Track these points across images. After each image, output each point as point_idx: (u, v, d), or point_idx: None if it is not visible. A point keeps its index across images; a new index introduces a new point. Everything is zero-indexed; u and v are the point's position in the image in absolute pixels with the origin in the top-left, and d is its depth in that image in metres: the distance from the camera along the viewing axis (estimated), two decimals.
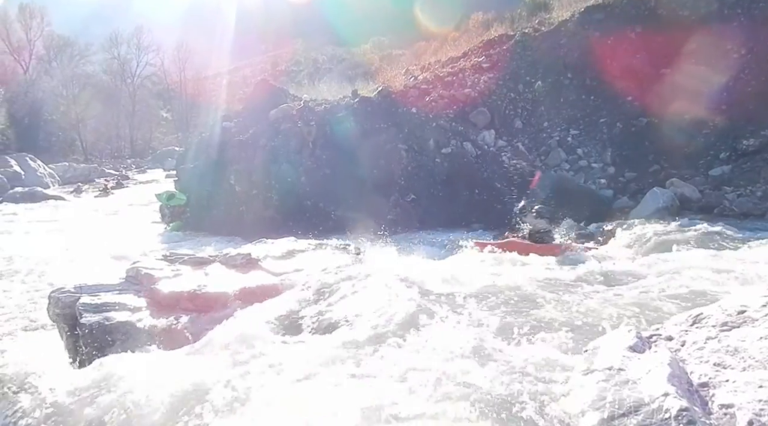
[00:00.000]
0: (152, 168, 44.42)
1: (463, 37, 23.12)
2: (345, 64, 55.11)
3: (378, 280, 4.62)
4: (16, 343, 6.08)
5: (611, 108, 12.78)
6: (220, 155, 12.93)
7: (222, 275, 5.03)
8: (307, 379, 2.94)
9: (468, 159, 11.75)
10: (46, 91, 51.93)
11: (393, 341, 3.43)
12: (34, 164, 32.86)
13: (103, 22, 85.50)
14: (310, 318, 4.07)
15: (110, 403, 2.92)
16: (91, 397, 3.04)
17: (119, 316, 4.36)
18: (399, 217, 10.77)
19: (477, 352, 3.16)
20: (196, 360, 3.43)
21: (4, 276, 9.42)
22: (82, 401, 3.02)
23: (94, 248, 11.34)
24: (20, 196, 22.58)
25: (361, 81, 18.43)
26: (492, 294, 4.18)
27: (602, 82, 12.98)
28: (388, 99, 12.87)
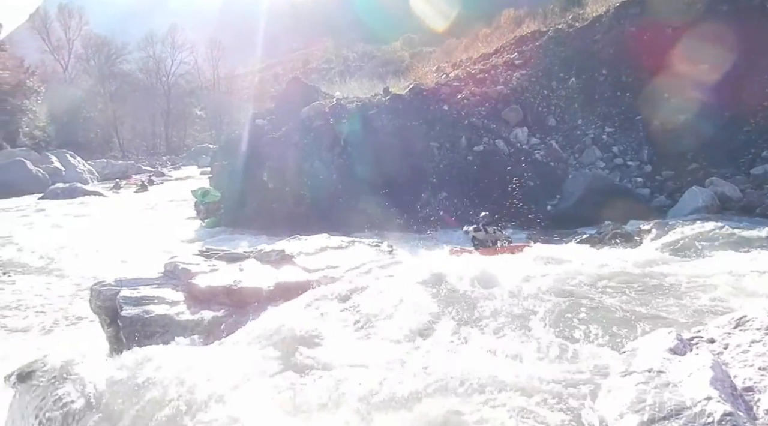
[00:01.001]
0: (186, 165, 45.29)
1: (495, 33, 22.92)
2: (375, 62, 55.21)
3: (410, 278, 4.63)
4: (60, 333, 6.32)
5: (648, 105, 12.49)
6: (253, 153, 13.11)
7: (257, 271, 5.09)
8: (342, 373, 2.97)
9: (500, 157, 11.66)
10: (85, 90, 53.36)
11: (425, 338, 3.43)
12: (74, 161, 33.78)
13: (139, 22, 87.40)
14: (343, 313, 4.09)
15: (149, 393, 2.98)
16: (131, 387, 3.12)
17: (158, 309, 4.45)
18: (430, 214, 10.76)
19: (511, 352, 3.14)
20: (233, 353, 3.48)
21: (48, 269, 9.76)
22: (123, 391, 3.09)
23: (133, 243, 11.65)
24: (61, 192, 23.23)
25: (392, 78, 18.48)
26: (526, 293, 4.14)
27: (638, 79, 12.70)
28: (419, 96, 12.86)
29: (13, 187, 25.13)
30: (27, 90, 36.07)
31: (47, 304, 7.63)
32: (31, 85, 37.15)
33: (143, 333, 4.21)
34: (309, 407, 2.66)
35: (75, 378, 3.37)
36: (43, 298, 7.90)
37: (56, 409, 3.16)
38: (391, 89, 13.62)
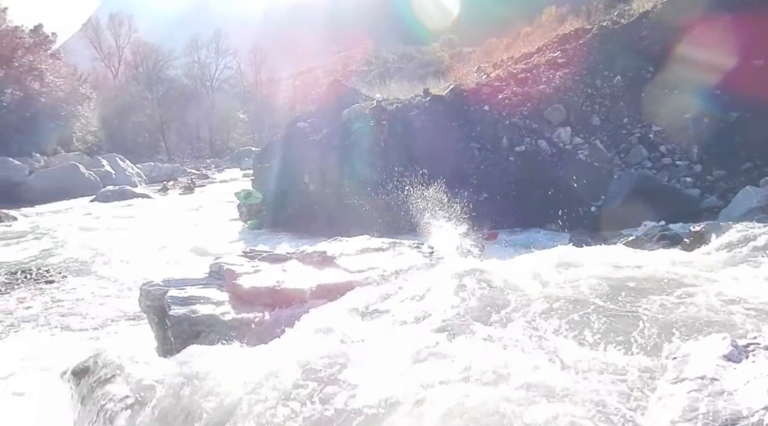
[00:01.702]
0: (230, 167, 46.28)
1: (536, 32, 22.58)
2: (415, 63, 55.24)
3: (452, 279, 4.58)
4: (112, 331, 6.54)
5: (697, 102, 12.07)
6: (294, 155, 13.29)
7: (299, 272, 5.14)
8: (386, 375, 2.96)
9: (542, 157, 11.47)
10: (134, 95, 55.20)
11: (469, 340, 3.38)
12: (123, 164, 34.97)
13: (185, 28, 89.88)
14: (385, 315, 4.09)
15: (197, 392, 3.03)
16: (179, 385, 3.18)
17: (204, 309, 4.53)
18: (471, 216, 10.66)
19: (553, 355, 3.06)
20: (277, 354, 3.52)
21: (100, 269, 10.12)
22: (171, 389, 3.16)
23: (179, 243, 11.98)
24: (111, 195, 24.08)
25: (431, 79, 18.44)
26: (569, 295, 4.04)
27: (687, 76, 12.28)
28: (460, 97, 12.78)
29: (67, 190, 26.23)
30: (80, 96, 37.52)
31: (99, 302, 7.93)
32: (84, 92, 38.63)
33: (190, 332, 4.31)
34: (355, 409, 2.67)
35: (126, 376, 3.46)
36: (95, 297, 8.21)
37: (107, 406, 3.24)
38: (431, 90, 13.59)
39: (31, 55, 34.03)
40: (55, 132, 34.79)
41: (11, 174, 26.02)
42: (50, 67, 34.82)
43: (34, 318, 7.31)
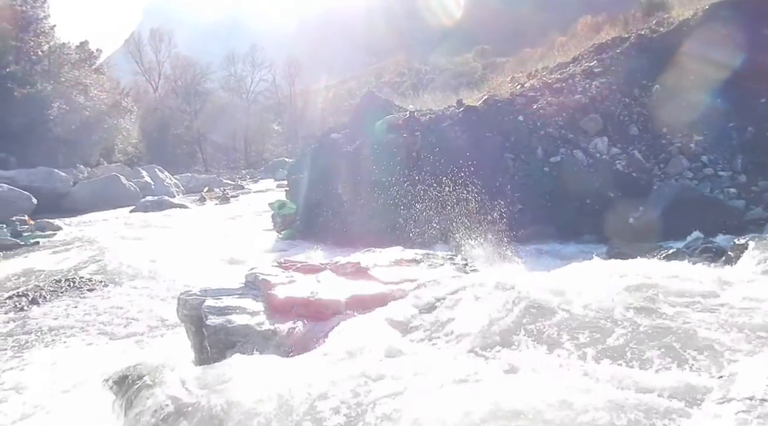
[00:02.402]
0: (264, 178, 47.00)
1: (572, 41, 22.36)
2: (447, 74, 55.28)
3: (487, 292, 4.53)
4: (151, 339, 6.68)
5: (741, 111, 11.72)
6: (327, 166, 13.41)
7: (333, 283, 5.16)
8: (421, 388, 2.95)
9: (578, 167, 11.28)
10: (172, 108, 56.74)
11: (503, 357, 3.34)
12: (162, 175, 35.87)
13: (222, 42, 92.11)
14: (419, 327, 4.07)
15: (233, 402, 3.07)
16: (216, 395, 3.22)
17: (240, 319, 4.57)
18: (505, 227, 10.56)
19: (591, 372, 2.99)
20: (312, 366, 3.54)
21: (139, 278, 10.36)
22: (209, 398, 3.20)
23: (215, 253, 12.19)
24: (150, 205, 24.70)
25: (464, 90, 18.40)
26: (605, 310, 3.94)
27: (730, 84, 11.95)
28: (493, 107, 12.71)
29: (108, 200, 27.04)
30: (122, 110, 38.74)
31: (138, 310, 8.11)
32: (126, 105, 39.86)
33: (226, 342, 4.35)
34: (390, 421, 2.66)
35: (165, 384, 3.51)
36: (134, 305, 8.40)
37: (148, 414, 3.30)
38: (465, 101, 13.56)
39: (76, 70, 35.35)
40: (98, 144, 35.97)
41: (57, 185, 26.95)
42: (94, 82, 36.08)
43: (77, 325, 7.52)
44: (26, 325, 7.55)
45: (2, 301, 8.79)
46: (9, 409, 5.06)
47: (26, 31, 32.86)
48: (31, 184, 25.09)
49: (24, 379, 5.71)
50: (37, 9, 34.23)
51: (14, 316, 7.96)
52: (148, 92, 59.98)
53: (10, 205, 22.48)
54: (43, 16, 34.64)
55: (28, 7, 33.46)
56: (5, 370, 6.03)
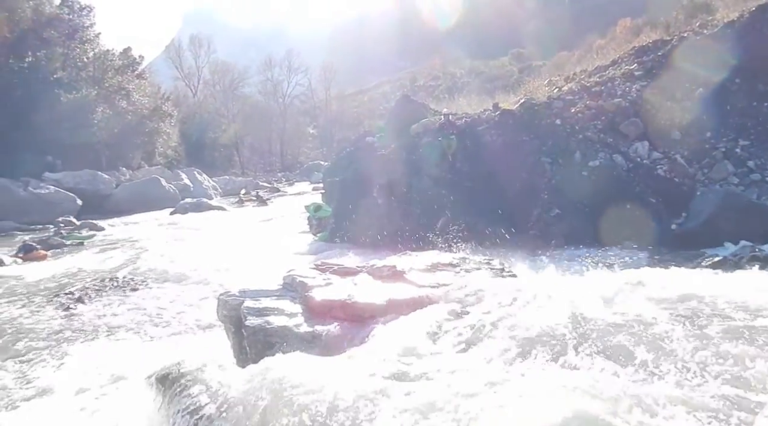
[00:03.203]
0: (300, 181, 47.52)
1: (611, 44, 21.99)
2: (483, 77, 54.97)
3: (525, 298, 4.48)
4: (191, 338, 6.83)
5: None
6: (363, 169, 13.47)
7: (370, 286, 5.17)
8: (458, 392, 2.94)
9: (618, 172, 11.04)
10: (211, 112, 57.92)
11: (541, 366, 3.29)
12: (201, 177, 36.64)
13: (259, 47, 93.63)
14: (456, 332, 4.05)
15: (272, 402, 3.10)
16: (255, 395, 3.27)
17: (278, 320, 4.62)
18: (542, 232, 10.42)
19: (633, 386, 2.92)
20: (350, 366, 3.56)
21: (179, 278, 10.60)
22: (248, 398, 3.25)
23: (253, 255, 12.39)
24: (189, 206, 25.25)
25: (500, 93, 18.23)
26: (649, 318, 3.84)
27: None
28: (530, 111, 12.56)
29: (149, 202, 27.80)
30: (162, 114, 39.73)
31: (178, 310, 8.31)
32: (166, 110, 40.88)
33: (265, 343, 4.41)
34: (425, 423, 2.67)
35: (206, 383, 3.59)
36: (174, 305, 8.61)
37: (189, 412, 3.37)
38: (501, 104, 13.43)
39: (119, 76, 36.44)
40: (140, 147, 36.97)
41: (101, 187, 27.81)
42: (136, 87, 37.12)
43: (121, 324, 7.75)
44: (73, 323, 7.82)
45: (51, 300, 9.14)
46: (54, 404, 5.25)
47: (73, 38, 34.04)
48: (76, 186, 25.96)
49: (69, 375, 5.92)
50: (83, 17, 35.44)
51: (62, 314, 8.25)
52: (187, 97, 61.41)
53: (56, 206, 23.34)
54: (88, 24, 35.84)
55: (75, 16, 34.68)
56: (52, 365, 6.26)
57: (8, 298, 9.51)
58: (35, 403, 5.25)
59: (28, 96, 27.57)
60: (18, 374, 6.01)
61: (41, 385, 5.67)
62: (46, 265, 12.71)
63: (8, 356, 6.56)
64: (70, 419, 4.91)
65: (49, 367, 6.19)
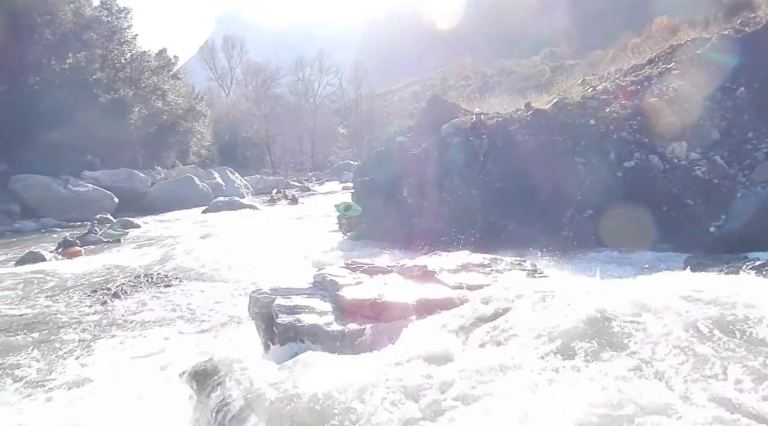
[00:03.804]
0: (330, 180, 47.83)
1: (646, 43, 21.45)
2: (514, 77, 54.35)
3: (557, 300, 4.41)
4: (222, 334, 6.93)
5: None
6: (393, 169, 13.46)
7: (400, 285, 5.16)
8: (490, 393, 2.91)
9: (654, 173, 10.79)
10: (243, 112, 58.71)
11: (573, 372, 3.21)
12: (233, 176, 37.19)
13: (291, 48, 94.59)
14: (486, 333, 4.01)
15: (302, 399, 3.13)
16: (286, 391, 3.30)
17: (308, 318, 4.64)
18: (575, 233, 10.26)
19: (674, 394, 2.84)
20: (379, 367, 3.56)
21: (212, 275, 10.78)
22: (279, 394, 3.28)
23: (283, 253, 12.52)
24: (222, 205, 25.65)
25: (532, 93, 18.01)
26: (685, 325, 3.72)
27: None
28: (563, 111, 12.37)
29: (183, 200, 28.36)
30: (196, 114, 40.41)
31: (210, 307, 8.45)
32: (200, 109, 41.56)
33: (295, 341, 4.45)
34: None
35: (238, 379, 3.64)
36: (207, 302, 8.76)
37: (222, 407, 3.43)
38: (533, 104, 13.27)
39: (155, 76, 37.20)
40: (174, 146, 37.68)
41: (137, 185, 28.47)
42: (171, 87, 37.82)
43: (154, 319, 7.92)
44: (109, 318, 8.02)
45: (88, 294, 9.39)
46: (90, 396, 5.38)
47: (111, 40, 34.90)
48: (113, 185, 26.65)
49: (105, 369, 6.07)
50: (121, 19, 36.31)
51: (98, 309, 8.48)
52: (220, 97, 62.47)
53: (94, 203, 24.00)
54: (126, 26, 36.71)
55: (113, 18, 35.54)
56: (89, 358, 6.43)
57: (48, 292, 9.82)
58: (71, 395, 5.40)
59: (69, 96, 28.36)
60: (55, 367, 6.19)
61: (78, 377, 5.83)
62: (83, 261, 13.08)
63: (47, 349, 6.77)
64: (106, 411, 5.02)
65: (86, 360, 6.36)
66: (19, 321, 7.98)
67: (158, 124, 34.82)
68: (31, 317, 8.17)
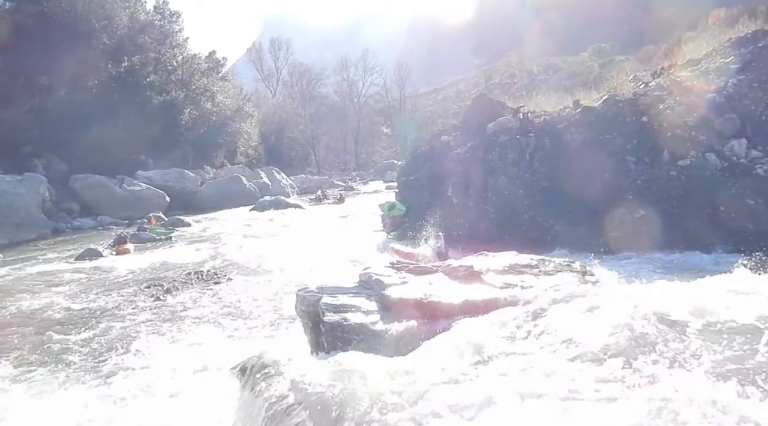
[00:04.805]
0: (373, 180, 48.03)
1: (702, 36, 20.65)
2: (561, 74, 53.25)
3: (609, 303, 4.28)
4: (269, 331, 7.05)
5: None
6: (437, 168, 13.39)
7: (446, 285, 5.13)
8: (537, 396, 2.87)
9: (711, 172, 10.35)
10: (289, 112, 59.55)
11: (623, 378, 3.10)
12: (279, 176, 37.78)
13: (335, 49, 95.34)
14: (533, 337, 3.93)
15: (348, 396, 3.15)
16: (333, 387, 3.33)
17: (354, 317, 4.66)
18: (625, 234, 9.95)
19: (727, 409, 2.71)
20: (425, 365, 3.54)
21: (258, 273, 10.99)
22: (326, 390, 3.31)
23: (328, 251, 12.64)
24: (268, 204, 26.11)
25: (580, 90, 17.61)
26: (744, 330, 3.56)
27: None
28: (614, 108, 12.01)
29: (230, 199, 29.02)
30: (244, 114, 41.26)
31: (258, 304, 8.62)
32: (247, 110, 42.41)
33: (342, 339, 4.47)
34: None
35: (286, 375, 3.69)
36: (255, 299, 8.94)
37: (270, 402, 3.49)
38: (582, 102, 12.95)
39: (205, 78, 38.15)
40: (223, 146, 38.56)
41: (187, 184, 29.28)
42: (220, 89, 38.71)
43: (204, 315, 8.14)
44: (162, 313, 8.29)
45: (142, 290, 9.73)
46: (143, 388, 5.55)
47: (163, 43, 35.98)
48: (165, 184, 27.49)
49: (158, 361, 6.27)
50: (173, 23, 37.37)
51: (152, 304, 8.77)
52: (267, 97, 63.61)
53: (147, 202, 24.83)
54: (177, 29, 37.75)
55: (165, 22, 36.64)
56: (143, 351, 6.65)
57: (105, 287, 10.22)
58: (125, 386, 5.59)
59: (124, 99, 29.43)
60: (111, 359, 6.44)
61: (132, 369, 6.04)
62: (137, 258, 13.55)
63: (104, 341, 7.05)
64: (158, 403, 5.18)
65: (140, 353, 6.58)
66: (79, 314, 8.35)
67: (207, 125, 35.69)
68: (90, 311, 8.54)
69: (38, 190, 20.44)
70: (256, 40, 75.65)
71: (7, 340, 7.11)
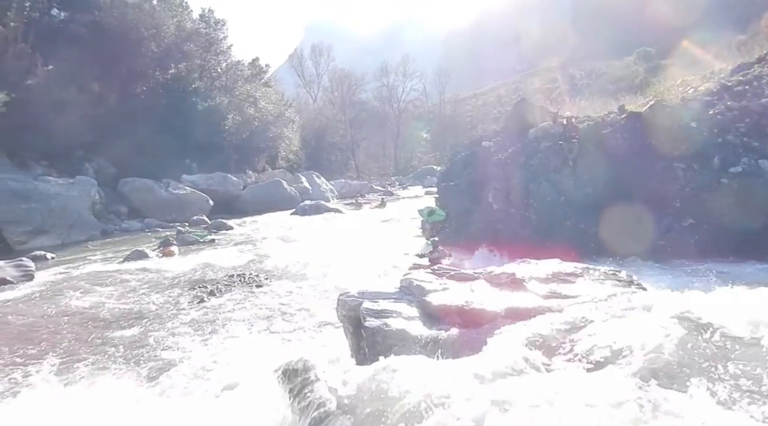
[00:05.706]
0: (413, 185, 48.00)
1: (754, 40, 19.96)
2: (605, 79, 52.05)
3: (657, 314, 4.17)
4: (310, 335, 7.12)
5: None
6: (478, 174, 13.31)
7: (487, 292, 5.09)
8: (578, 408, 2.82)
9: (765, 179, 9.98)
10: (329, 118, 60.17)
11: (667, 391, 3.02)
12: (319, 181, 38.16)
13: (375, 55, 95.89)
14: (576, 347, 3.85)
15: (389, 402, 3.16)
16: (374, 393, 3.34)
17: (395, 323, 4.67)
18: (672, 243, 9.68)
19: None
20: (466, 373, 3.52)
21: (299, 277, 11.12)
22: (366, 396, 3.33)
23: (369, 256, 12.69)
24: (308, 208, 26.37)
25: (624, 95, 17.24)
26: None
27: None
28: (661, 113, 11.72)
29: (272, 203, 29.46)
30: (285, 120, 41.90)
31: (299, 308, 8.72)
32: (289, 116, 43.07)
33: (383, 345, 4.48)
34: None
35: (327, 379, 3.73)
36: (296, 302, 9.05)
37: (312, 406, 3.52)
38: (627, 107, 12.67)
39: (248, 84, 38.94)
40: (265, 151, 39.21)
41: (230, 188, 29.88)
42: (263, 95, 39.42)
43: (246, 317, 8.28)
44: (206, 314, 8.48)
45: (187, 291, 9.98)
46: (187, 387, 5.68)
47: (208, 51, 36.89)
48: (208, 188, 28.12)
49: (202, 362, 6.40)
50: (218, 31, 38.29)
51: (196, 306, 8.98)
52: (308, 103, 64.42)
53: (191, 205, 25.46)
54: (222, 37, 38.65)
55: (210, 30, 37.57)
56: (187, 351, 6.82)
57: (152, 288, 10.52)
58: (171, 383, 5.74)
59: (170, 105, 30.29)
60: (157, 357, 6.63)
61: (177, 368, 6.19)
62: (182, 260, 13.89)
63: (151, 340, 7.26)
64: (201, 403, 5.29)
65: (185, 353, 6.75)
66: (127, 313, 8.62)
67: (250, 130, 36.34)
68: (137, 310, 8.80)
69: (89, 193, 21.19)
70: (298, 47, 76.68)
71: (60, 337, 7.41)
